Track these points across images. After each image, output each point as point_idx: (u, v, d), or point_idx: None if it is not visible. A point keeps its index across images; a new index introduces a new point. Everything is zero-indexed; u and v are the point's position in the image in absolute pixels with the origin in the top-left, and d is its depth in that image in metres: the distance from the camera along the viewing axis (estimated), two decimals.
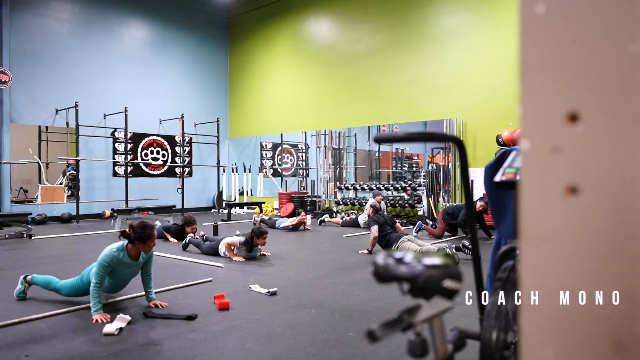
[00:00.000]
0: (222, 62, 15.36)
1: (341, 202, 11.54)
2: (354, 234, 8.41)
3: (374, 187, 10.90)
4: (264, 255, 6.04)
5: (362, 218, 9.52)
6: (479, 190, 9.81)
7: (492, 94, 9.77)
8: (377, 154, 12.21)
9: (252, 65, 14.78)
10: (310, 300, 3.97)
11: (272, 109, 14.21)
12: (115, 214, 10.00)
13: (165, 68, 13.86)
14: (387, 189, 10.77)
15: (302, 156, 13.73)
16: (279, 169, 14.17)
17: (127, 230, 3.63)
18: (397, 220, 6.35)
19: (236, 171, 14.62)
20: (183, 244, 6.62)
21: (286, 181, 13.87)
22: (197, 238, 6.83)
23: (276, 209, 13.19)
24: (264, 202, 12.17)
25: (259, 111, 14.58)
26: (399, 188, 10.63)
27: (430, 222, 9.30)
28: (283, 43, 13.95)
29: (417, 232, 8.15)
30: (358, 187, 11.51)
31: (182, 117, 13.19)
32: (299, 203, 12.24)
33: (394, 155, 12.08)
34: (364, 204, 10.94)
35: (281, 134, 14.03)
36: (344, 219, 10.19)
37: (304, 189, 13.40)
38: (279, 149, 14.25)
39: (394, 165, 12.07)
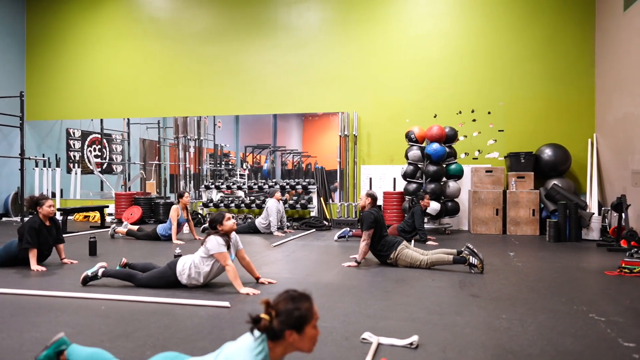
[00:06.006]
0: (15, 15, 11.27)
1: (210, 204, 9.66)
2: (282, 242, 6.95)
3: (271, 185, 9.39)
4: (262, 280, 4.16)
5: (261, 222, 8.06)
6: (376, 189, 9.46)
7: (384, 89, 9.53)
8: (190, 150, 10.51)
9: (63, 27, 11.27)
10: None
11: (91, 87, 11.09)
12: None
13: None
14: (262, 188, 9.46)
15: (117, 148, 11.09)
16: (88, 164, 11.13)
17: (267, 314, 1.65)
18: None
19: (45, 165, 10.92)
20: (85, 276, 4.02)
21: (125, 179, 10.93)
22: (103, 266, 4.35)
23: (110, 215, 10.29)
24: (107, 206, 9.27)
25: (72, 88, 11.23)
26: (288, 187, 9.45)
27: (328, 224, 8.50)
28: (114, 5, 11.03)
29: (340, 238, 7.20)
30: (233, 186, 9.81)
31: None
32: (147, 206, 9.82)
33: (212, 152, 10.49)
34: (263, 206, 9.33)
35: (101, 120, 11.06)
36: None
37: (127, 189, 10.73)
38: (90, 137, 11.19)
39: (211, 163, 10.49)
